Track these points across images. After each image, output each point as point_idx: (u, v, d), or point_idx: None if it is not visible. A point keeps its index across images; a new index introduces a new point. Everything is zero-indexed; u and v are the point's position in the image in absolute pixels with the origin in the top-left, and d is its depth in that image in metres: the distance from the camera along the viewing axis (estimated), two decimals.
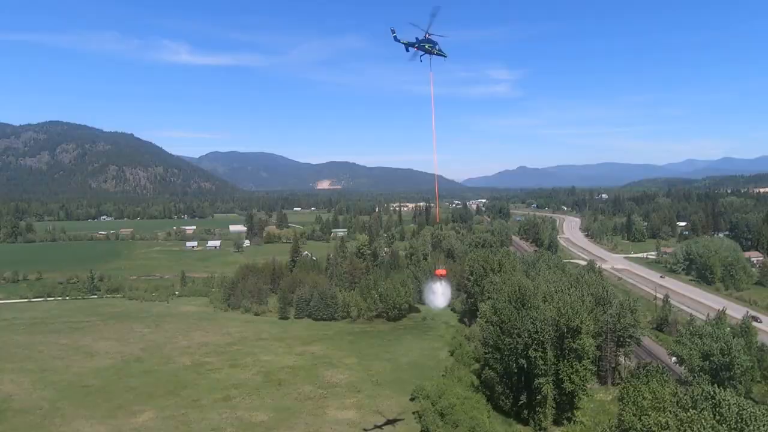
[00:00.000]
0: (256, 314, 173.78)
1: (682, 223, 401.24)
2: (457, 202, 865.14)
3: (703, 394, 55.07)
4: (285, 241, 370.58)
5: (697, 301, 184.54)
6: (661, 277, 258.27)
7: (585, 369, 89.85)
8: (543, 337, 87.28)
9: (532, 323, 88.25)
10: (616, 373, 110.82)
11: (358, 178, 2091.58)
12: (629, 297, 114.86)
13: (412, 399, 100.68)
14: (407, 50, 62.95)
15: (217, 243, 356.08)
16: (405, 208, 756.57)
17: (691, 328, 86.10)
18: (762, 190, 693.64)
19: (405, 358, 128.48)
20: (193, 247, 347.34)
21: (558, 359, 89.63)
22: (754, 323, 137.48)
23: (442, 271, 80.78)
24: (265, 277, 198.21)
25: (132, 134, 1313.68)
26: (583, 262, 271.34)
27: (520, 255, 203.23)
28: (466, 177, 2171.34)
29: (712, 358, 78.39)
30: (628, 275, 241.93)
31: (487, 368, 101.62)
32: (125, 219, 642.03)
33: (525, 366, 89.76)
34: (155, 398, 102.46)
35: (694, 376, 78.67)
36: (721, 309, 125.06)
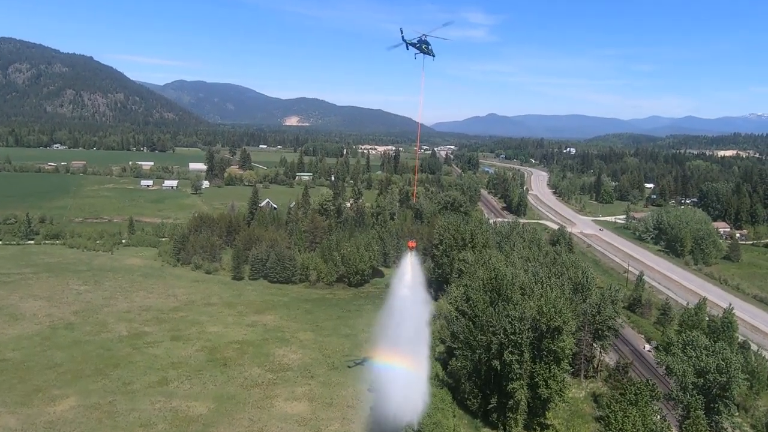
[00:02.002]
0: (208, 272, 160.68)
1: (650, 185, 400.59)
2: (425, 147, 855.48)
3: None
4: (247, 183, 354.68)
5: (668, 277, 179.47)
6: (600, 230, 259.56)
7: (563, 371, 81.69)
8: (521, 338, 77.93)
9: (510, 323, 78.63)
10: (590, 365, 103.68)
11: (327, 116, 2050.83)
12: (610, 286, 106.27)
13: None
14: (407, 48, 71.26)
15: (174, 183, 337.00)
16: (374, 151, 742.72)
17: (683, 337, 77.95)
18: (724, 153, 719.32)
19: (365, 335, 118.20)
20: (148, 186, 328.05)
21: (534, 361, 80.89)
22: None
23: (412, 243, 72.96)
24: (220, 230, 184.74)
25: (91, 57, 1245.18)
26: (553, 225, 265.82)
27: (492, 222, 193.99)
28: (436, 121, 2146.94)
29: (707, 376, 70.46)
30: (597, 242, 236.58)
31: (453, 359, 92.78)
32: (80, 149, 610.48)
33: (498, 368, 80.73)
34: (81, 379, 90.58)
35: (687, 394, 70.81)
36: (701, 299, 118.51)
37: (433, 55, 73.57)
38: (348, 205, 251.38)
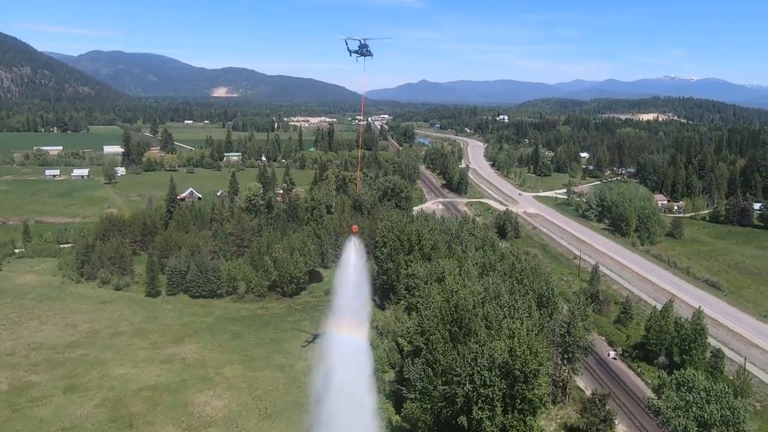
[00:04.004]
0: (118, 288, 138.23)
1: (585, 154, 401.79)
2: (359, 117, 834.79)
3: None
4: (168, 168, 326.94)
5: (619, 263, 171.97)
6: (519, 194, 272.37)
7: (540, 415, 69.42)
8: (492, 392, 64.42)
9: (479, 373, 64.81)
10: (558, 389, 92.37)
11: (257, 86, 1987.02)
12: (579, 301, 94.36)
13: None
14: (350, 55, 76.25)
15: (85, 171, 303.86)
16: (306, 124, 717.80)
17: (677, 376, 66.86)
18: (646, 116, 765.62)
19: (303, 363, 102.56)
20: (54, 176, 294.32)
21: (506, 411, 67.86)
22: None
23: (354, 228, 69.59)
24: (133, 234, 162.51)
25: None
26: (496, 204, 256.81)
27: (439, 215, 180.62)
28: (369, 89, 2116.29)
29: (712, 430, 59.46)
30: (542, 222, 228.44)
31: (409, 402, 78.90)
32: None
33: (465, 425, 67.19)
34: None
35: None
36: (668, 300, 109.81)
37: (372, 55, 77.98)
38: (280, 192, 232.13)
